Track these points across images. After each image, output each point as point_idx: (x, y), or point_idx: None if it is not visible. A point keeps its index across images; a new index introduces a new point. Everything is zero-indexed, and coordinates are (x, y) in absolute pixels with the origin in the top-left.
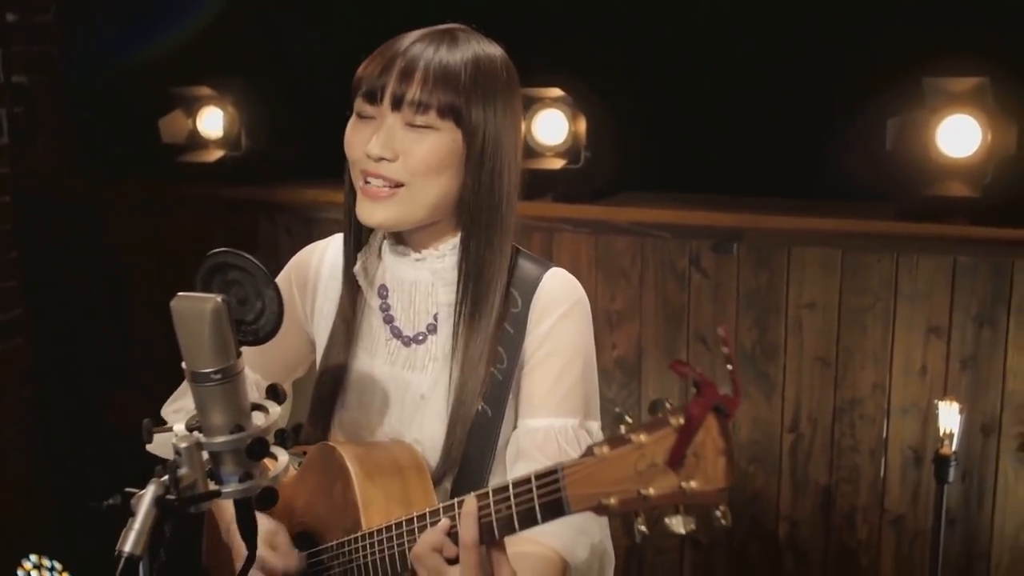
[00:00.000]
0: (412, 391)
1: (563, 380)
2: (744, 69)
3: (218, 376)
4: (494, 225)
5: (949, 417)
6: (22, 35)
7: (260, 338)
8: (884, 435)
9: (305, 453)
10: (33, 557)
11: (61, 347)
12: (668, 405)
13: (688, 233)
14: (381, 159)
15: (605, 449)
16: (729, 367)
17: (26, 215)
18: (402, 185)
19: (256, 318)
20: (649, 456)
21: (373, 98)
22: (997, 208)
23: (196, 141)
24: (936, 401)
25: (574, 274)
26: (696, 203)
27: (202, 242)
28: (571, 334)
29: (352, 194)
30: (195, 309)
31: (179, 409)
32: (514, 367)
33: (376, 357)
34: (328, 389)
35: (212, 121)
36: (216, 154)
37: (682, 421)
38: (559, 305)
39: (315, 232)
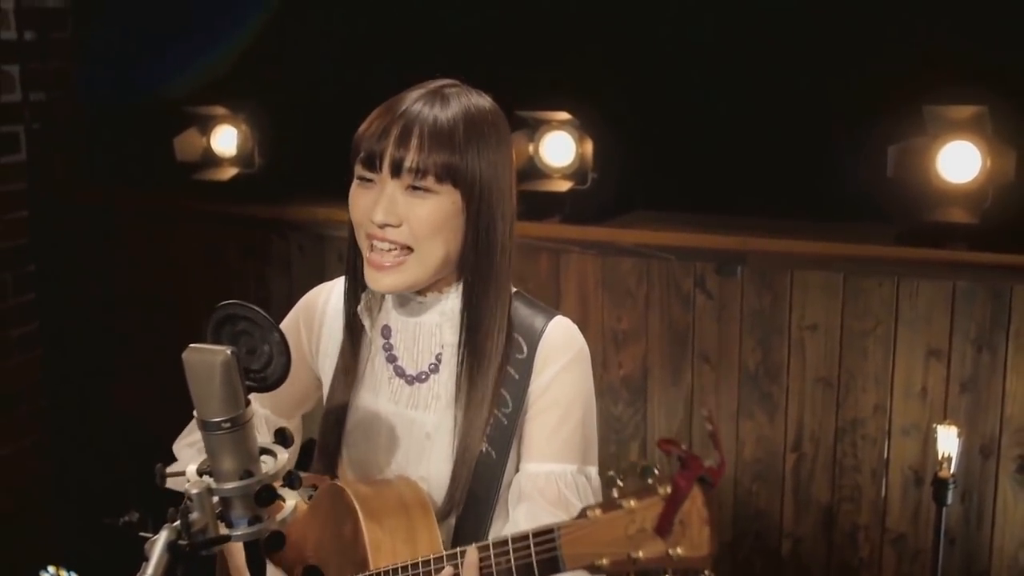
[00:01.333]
0: (417, 430)
1: (564, 427)
2: (749, 93)
3: (228, 425)
4: (491, 275)
5: (948, 441)
6: (39, 52)
7: (268, 385)
8: (885, 455)
9: (316, 487)
10: (51, 569)
11: (75, 359)
12: (656, 472)
13: (693, 255)
14: (386, 225)
15: (598, 512)
16: (712, 440)
17: (42, 230)
18: (410, 249)
19: (264, 366)
20: (639, 521)
21: (372, 165)
22: (996, 234)
23: (210, 159)
24: (935, 425)
25: (581, 294)
26: (701, 225)
27: (216, 258)
28: (573, 383)
29: (355, 248)
30: (206, 362)
31: (192, 443)
32: (519, 411)
33: (380, 396)
34: (334, 427)
35: (226, 140)
36: (230, 172)
37: (670, 491)
38: (562, 354)
39: (327, 249)
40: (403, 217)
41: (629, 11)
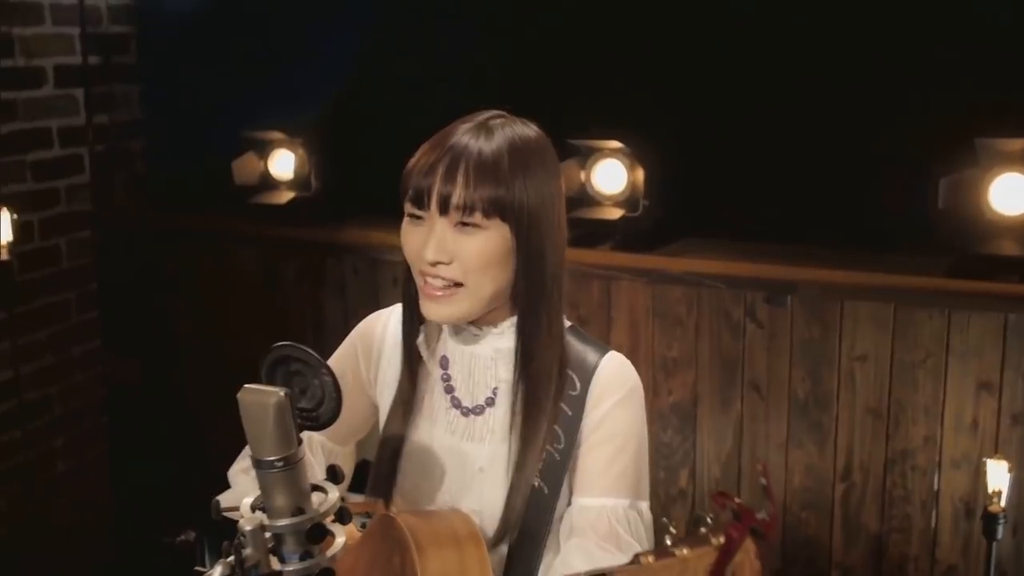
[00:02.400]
0: (471, 462)
1: (617, 462)
2: (801, 123)
3: (281, 463)
4: (543, 307)
5: (998, 475)
6: (104, 76)
7: (320, 425)
8: (935, 487)
9: (369, 515)
10: None
11: (136, 377)
12: (709, 520)
13: (743, 284)
14: (437, 263)
15: (651, 559)
16: (766, 493)
17: (105, 250)
18: (461, 284)
19: (316, 406)
20: (691, 571)
21: (420, 202)
22: None
23: (268, 183)
24: (985, 459)
25: (631, 322)
26: (751, 254)
27: (272, 281)
28: (626, 419)
29: (412, 280)
30: (260, 403)
31: (246, 469)
32: (571, 447)
33: (436, 426)
34: (389, 456)
35: (283, 164)
36: (287, 195)
37: (722, 541)
38: (616, 391)
39: (380, 272)
40: (453, 254)
41: (680, 39)
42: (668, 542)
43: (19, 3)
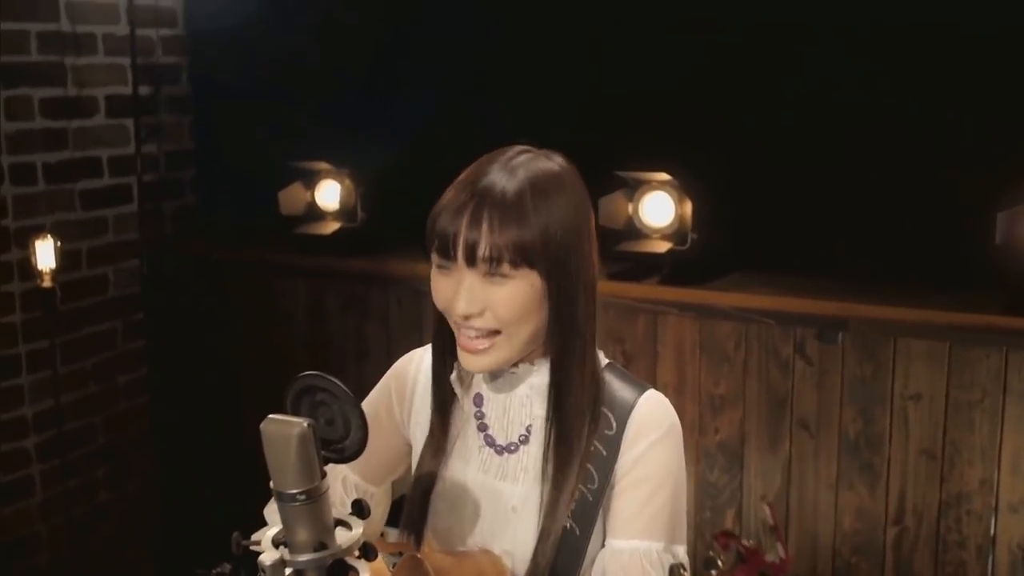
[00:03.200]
0: (504, 502)
1: (652, 503)
2: (853, 155)
3: (303, 497)
4: (576, 346)
5: None
6: (155, 106)
7: (345, 457)
8: (992, 532)
9: (401, 553)
10: None
11: (181, 406)
12: (720, 563)
13: (793, 320)
14: (469, 316)
15: None
16: (776, 534)
17: (152, 279)
18: (498, 332)
19: (341, 438)
20: None
21: (447, 254)
22: None
23: (314, 213)
24: None
25: (678, 357)
26: (801, 289)
27: (317, 311)
28: (663, 459)
29: (442, 319)
30: (282, 433)
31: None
32: (604, 487)
33: (469, 465)
34: (421, 495)
35: (330, 194)
36: (333, 226)
37: None
38: (654, 430)
39: (424, 304)
40: (485, 304)
41: (729, 70)
42: None
43: (72, 33)
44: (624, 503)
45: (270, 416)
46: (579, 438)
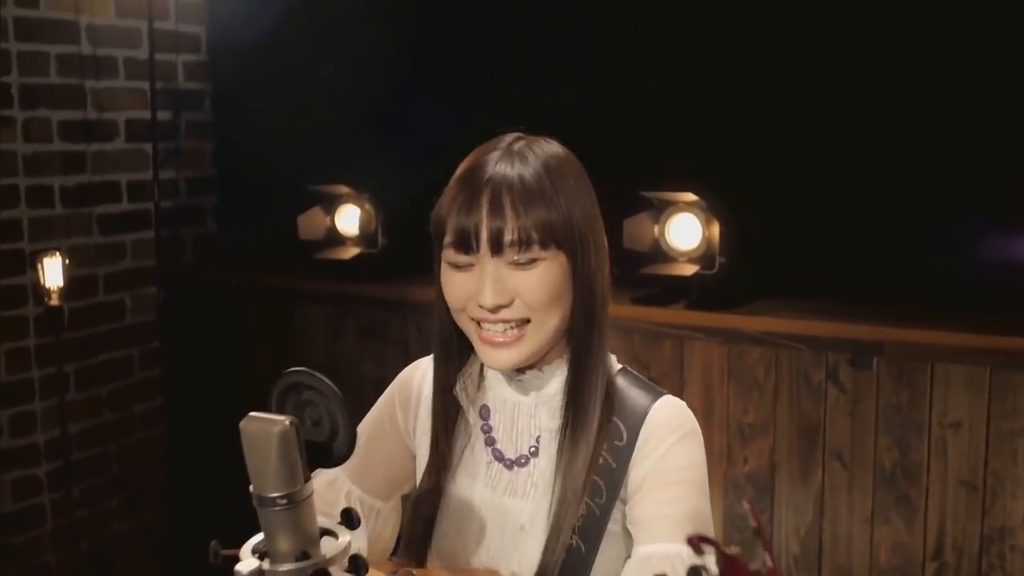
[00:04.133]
0: (512, 520)
1: (678, 505)
2: (887, 174)
3: (284, 501)
4: (596, 339)
5: None
6: (176, 131)
7: (333, 461)
8: None
9: (412, 574)
10: None
11: (197, 436)
12: (705, 574)
13: (824, 345)
14: (499, 307)
15: None
16: (760, 539)
17: (170, 306)
18: (528, 321)
19: (329, 440)
20: None
21: (467, 247)
22: None
23: (334, 238)
24: None
25: (705, 384)
26: (833, 313)
27: (336, 337)
28: (686, 459)
29: (446, 327)
30: (263, 432)
31: None
32: (612, 502)
33: (476, 481)
34: (425, 513)
35: (350, 219)
36: (352, 251)
37: None
38: (671, 433)
39: None
40: (513, 293)
41: (758, 89)
42: None
43: (93, 56)
44: (648, 507)
45: (251, 414)
46: (587, 448)
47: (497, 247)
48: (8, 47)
